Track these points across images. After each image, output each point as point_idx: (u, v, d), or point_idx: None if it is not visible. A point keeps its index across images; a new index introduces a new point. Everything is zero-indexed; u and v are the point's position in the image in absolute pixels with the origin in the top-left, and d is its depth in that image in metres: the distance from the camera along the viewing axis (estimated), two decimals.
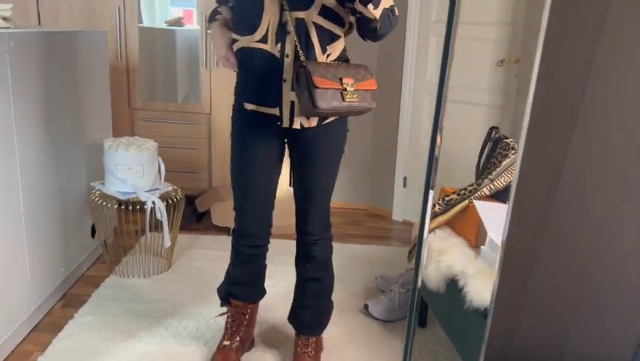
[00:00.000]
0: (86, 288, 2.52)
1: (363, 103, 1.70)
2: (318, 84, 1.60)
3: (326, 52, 1.72)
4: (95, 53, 2.69)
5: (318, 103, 1.60)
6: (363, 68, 1.76)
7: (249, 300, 2.05)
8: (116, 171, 2.50)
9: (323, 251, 1.96)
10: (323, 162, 1.85)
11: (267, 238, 1.99)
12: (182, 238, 3.08)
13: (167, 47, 3.85)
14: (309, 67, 1.61)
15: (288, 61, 1.68)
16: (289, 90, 1.70)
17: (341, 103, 1.64)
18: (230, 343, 2.01)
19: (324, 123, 1.79)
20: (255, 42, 1.69)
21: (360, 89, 1.70)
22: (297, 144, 1.84)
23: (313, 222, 1.91)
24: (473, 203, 2.04)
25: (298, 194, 1.91)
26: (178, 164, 3.52)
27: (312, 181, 1.87)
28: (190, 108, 3.52)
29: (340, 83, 1.65)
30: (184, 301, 2.44)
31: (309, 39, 1.68)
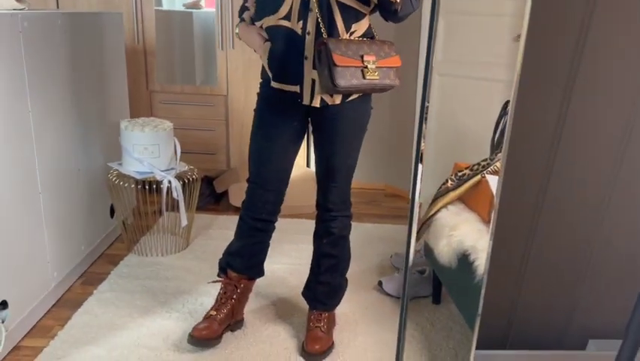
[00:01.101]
0: (105, 266, 2.57)
1: (385, 80, 1.70)
2: (337, 62, 1.60)
3: (350, 29, 1.72)
4: (110, 35, 2.72)
5: (337, 81, 1.61)
6: (387, 44, 1.75)
7: (244, 273, 2.06)
8: (133, 151, 2.54)
9: (341, 228, 1.98)
10: (346, 139, 1.86)
11: (274, 215, 2.00)
12: (200, 218, 3.12)
13: (184, 29, 3.87)
14: (330, 44, 1.61)
15: (310, 38, 1.68)
16: (310, 68, 1.71)
17: (361, 81, 1.64)
18: (216, 313, 2.02)
19: (348, 101, 1.79)
20: (279, 20, 1.71)
21: (383, 66, 1.70)
22: (320, 121, 1.85)
23: (333, 199, 1.93)
24: (486, 178, 2.02)
25: (320, 171, 1.93)
26: (196, 146, 3.56)
27: (335, 158, 1.88)
28: (207, 90, 3.54)
29: (362, 61, 1.65)
30: (200, 279, 2.47)
31: (332, 17, 1.68)
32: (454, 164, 2.26)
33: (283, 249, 2.80)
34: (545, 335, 1.44)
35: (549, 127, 1.31)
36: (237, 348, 2.01)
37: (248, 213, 1.99)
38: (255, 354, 1.98)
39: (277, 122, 1.86)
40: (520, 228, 1.37)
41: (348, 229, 2.04)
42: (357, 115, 1.86)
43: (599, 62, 1.23)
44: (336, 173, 1.90)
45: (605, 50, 1.20)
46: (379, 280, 2.44)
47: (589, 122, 1.29)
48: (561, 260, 1.38)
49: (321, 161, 1.92)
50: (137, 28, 3.38)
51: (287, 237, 2.90)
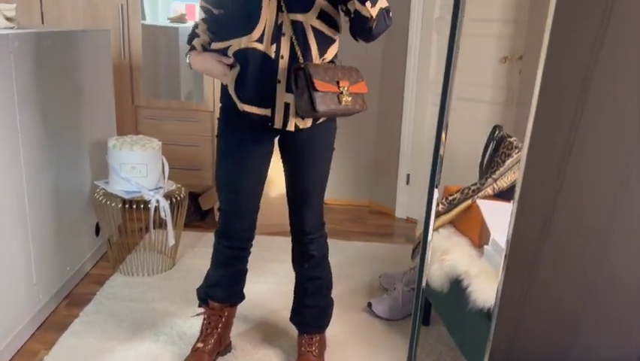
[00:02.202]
0: (90, 286, 2.53)
1: (355, 106, 1.71)
2: (318, 87, 1.61)
3: (323, 55, 1.73)
4: (98, 53, 2.69)
5: (317, 106, 1.61)
6: (354, 70, 1.76)
7: (226, 302, 2.05)
8: (120, 170, 2.51)
9: (319, 249, 1.97)
10: (317, 162, 1.86)
11: (249, 241, 1.99)
12: (186, 235, 3.09)
13: (170, 44, 3.85)
14: (309, 69, 1.61)
15: (283, 62, 1.68)
16: (283, 92, 1.71)
17: (337, 106, 1.65)
18: (203, 345, 1.99)
19: (318, 123, 1.80)
20: (251, 42, 1.68)
21: (354, 92, 1.71)
22: (291, 145, 1.84)
23: (309, 221, 1.92)
24: (477, 202, 2.04)
25: (292, 194, 1.92)
26: (181, 162, 3.53)
27: (307, 181, 1.87)
28: (193, 106, 3.52)
29: (338, 86, 1.65)
30: (188, 300, 2.44)
31: (307, 42, 1.68)
32: (444, 187, 2.28)
33: (269, 268, 2.79)
34: None
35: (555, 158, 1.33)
36: None
37: (222, 242, 1.97)
38: None
39: (245, 148, 1.83)
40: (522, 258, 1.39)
41: (326, 249, 2.02)
42: (325, 137, 1.87)
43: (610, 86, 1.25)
44: (310, 196, 1.89)
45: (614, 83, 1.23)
46: (369, 301, 2.44)
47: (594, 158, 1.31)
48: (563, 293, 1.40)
49: (293, 184, 1.90)
50: (124, 44, 3.36)
51: (272, 255, 2.89)
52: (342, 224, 3.52)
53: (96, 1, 3.28)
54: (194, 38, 1.85)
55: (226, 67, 1.75)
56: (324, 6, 1.66)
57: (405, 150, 3.57)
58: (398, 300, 2.41)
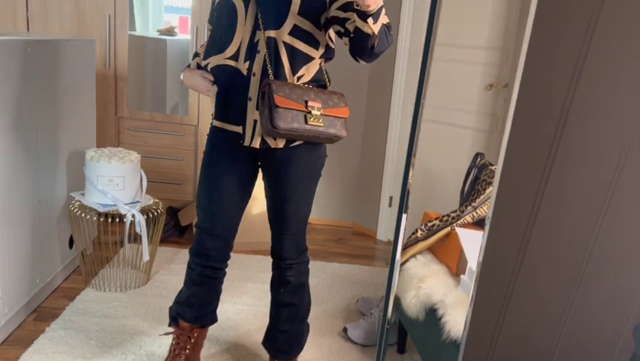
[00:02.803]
0: (60, 301, 2.46)
1: (330, 129, 1.67)
2: (279, 103, 1.59)
3: (297, 73, 1.70)
4: (82, 63, 2.66)
5: (276, 122, 1.59)
6: (337, 95, 1.73)
7: (196, 323, 1.99)
8: (97, 183, 2.46)
9: (297, 276, 1.92)
10: (295, 186, 1.80)
11: (223, 261, 1.94)
12: (163, 250, 3.04)
13: (157, 56, 3.82)
14: (273, 85, 1.61)
15: (255, 79, 1.67)
16: (254, 109, 1.70)
17: (303, 125, 1.62)
18: None
19: (294, 146, 1.75)
20: (225, 59, 1.70)
21: (330, 115, 1.68)
22: (267, 166, 1.81)
23: (287, 247, 1.88)
24: (456, 230, 2.02)
25: (271, 217, 1.88)
26: (163, 175, 3.49)
27: (285, 206, 1.83)
28: (177, 119, 3.48)
29: (305, 106, 1.63)
30: (160, 318, 2.39)
31: (280, 59, 1.66)
32: (424, 213, 2.26)
33: (245, 288, 2.74)
34: None
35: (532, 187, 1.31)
36: None
37: (196, 260, 1.92)
38: None
39: (225, 168, 1.81)
40: (496, 290, 1.37)
41: (306, 276, 1.97)
42: (306, 162, 1.79)
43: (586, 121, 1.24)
44: (288, 221, 1.85)
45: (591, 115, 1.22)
46: (345, 326, 2.40)
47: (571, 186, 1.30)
48: (534, 328, 1.37)
49: (272, 208, 1.87)
50: (109, 53, 3.32)
51: (251, 275, 2.85)
52: (323, 244, 3.49)
53: (83, 10, 3.25)
54: (195, 57, 1.90)
55: (209, 83, 1.77)
56: (300, 22, 1.64)
57: (388, 173, 3.56)
58: (374, 326, 2.37)
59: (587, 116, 1.21)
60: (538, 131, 1.27)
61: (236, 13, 1.68)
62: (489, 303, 1.42)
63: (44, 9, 3.23)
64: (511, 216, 1.32)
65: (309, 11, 1.64)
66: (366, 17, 1.49)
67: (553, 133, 1.25)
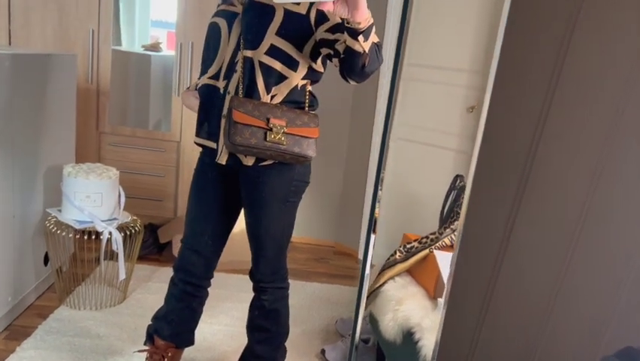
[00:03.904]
0: (32, 319, 2.41)
1: (293, 148, 1.66)
2: (236, 119, 1.61)
3: (270, 92, 1.69)
4: (62, 77, 2.63)
5: (232, 137, 1.61)
6: (308, 115, 1.72)
7: (172, 341, 1.95)
8: (74, 199, 2.43)
9: (271, 301, 1.89)
10: (267, 207, 1.77)
11: (206, 280, 1.93)
12: (141, 268, 2.99)
13: (141, 71, 3.81)
14: (235, 102, 1.63)
15: (229, 97, 1.69)
16: (226, 126, 1.70)
17: (261, 142, 1.62)
18: None
19: (262, 165, 1.72)
20: (208, 78, 1.75)
21: (295, 134, 1.67)
22: (242, 184, 1.80)
23: (263, 269, 1.86)
24: (434, 253, 2.02)
25: (249, 238, 1.86)
26: (144, 191, 3.46)
27: (255, 226, 1.82)
28: (160, 135, 3.46)
29: (266, 123, 1.63)
30: (135, 338, 2.34)
31: (254, 78, 1.67)
32: (403, 235, 2.25)
33: (224, 307, 2.70)
34: None
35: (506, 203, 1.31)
36: None
37: (178, 275, 1.92)
38: None
39: (211, 187, 1.85)
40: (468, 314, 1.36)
41: (282, 302, 1.93)
42: (275, 183, 1.75)
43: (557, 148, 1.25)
44: (262, 242, 1.82)
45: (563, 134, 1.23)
46: (322, 348, 2.38)
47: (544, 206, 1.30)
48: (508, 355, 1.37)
49: (248, 228, 1.85)
50: (92, 68, 3.30)
51: (230, 294, 2.82)
52: (305, 264, 3.46)
53: (66, 25, 3.23)
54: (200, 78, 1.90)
55: (198, 102, 1.82)
56: (278, 42, 1.64)
57: (370, 193, 3.55)
58: None
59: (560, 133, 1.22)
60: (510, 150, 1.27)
61: (221, 35, 1.72)
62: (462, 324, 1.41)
63: (27, 23, 3.21)
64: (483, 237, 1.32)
65: (288, 33, 1.64)
66: (356, 35, 1.46)
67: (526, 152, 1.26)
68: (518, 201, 1.31)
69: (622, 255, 1.30)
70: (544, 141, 1.21)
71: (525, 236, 1.30)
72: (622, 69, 1.19)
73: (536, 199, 1.26)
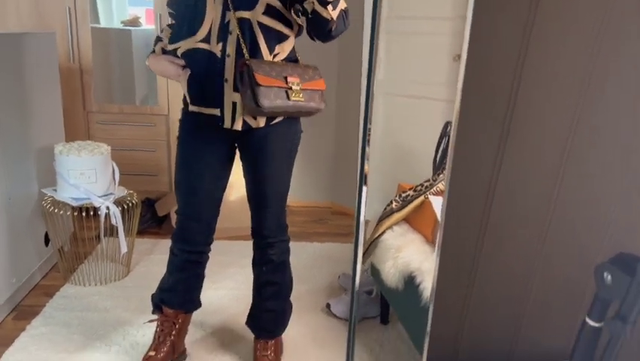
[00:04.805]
0: (39, 298, 2.44)
1: (310, 103, 1.68)
2: (260, 82, 1.57)
3: (274, 52, 1.69)
4: (42, 56, 2.60)
5: (261, 101, 1.57)
6: (312, 68, 1.74)
7: (180, 308, 1.99)
8: (69, 177, 2.43)
9: (279, 254, 1.93)
10: (275, 164, 1.81)
11: (207, 245, 1.94)
12: (142, 242, 3.02)
13: (122, 47, 3.76)
14: (252, 65, 1.59)
15: (230, 60, 1.65)
16: (231, 90, 1.67)
17: (286, 102, 1.62)
18: (155, 354, 1.93)
19: (273, 123, 1.75)
20: (197, 42, 1.67)
21: (308, 88, 1.68)
22: (247, 145, 1.80)
23: (268, 225, 1.88)
24: (429, 199, 2.04)
25: (252, 197, 1.88)
26: (137, 167, 3.45)
27: (266, 184, 1.83)
28: (148, 110, 3.44)
29: (285, 82, 1.62)
30: (142, 308, 2.38)
31: (255, 39, 1.65)
32: (397, 185, 2.27)
33: (227, 273, 2.74)
34: (492, 359, 1.45)
35: (491, 147, 1.33)
36: None
37: (179, 246, 1.92)
38: None
39: (202, 151, 1.80)
40: (464, 252, 1.39)
41: (287, 254, 1.98)
42: (284, 138, 1.81)
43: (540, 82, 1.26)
44: (269, 198, 1.85)
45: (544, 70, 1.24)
46: (327, 302, 2.42)
47: (528, 144, 1.32)
48: (504, 286, 1.40)
49: (252, 187, 1.87)
50: (72, 47, 3.26)
51: (232, 260, 2.85)
52: (303, 226, 3.49)
53: (42, 3, 3.17)
54: (157, 42, 1.85)
55: (179, 68, 1.74)
56: (271, 1, 1.63)
57: None
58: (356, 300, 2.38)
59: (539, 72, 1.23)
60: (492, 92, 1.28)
61: None
62: (458, 266, 1.44)
63: (2, 3, 3.15)
64: (472, 177, 1.34)
65: None
66: (325, 4, 1.53)
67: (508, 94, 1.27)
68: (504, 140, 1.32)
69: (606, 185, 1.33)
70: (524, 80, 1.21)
71: (513, 173, 1.32)
72: (599, 7, 1.19)
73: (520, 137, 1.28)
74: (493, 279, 1.42)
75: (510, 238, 1.35)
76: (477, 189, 1.37)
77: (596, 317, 0.80)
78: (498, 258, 1.40)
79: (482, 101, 1.34)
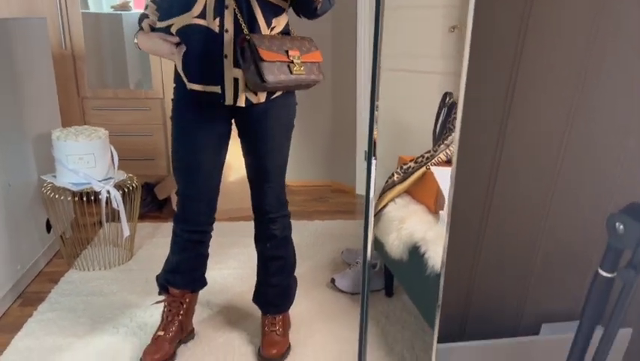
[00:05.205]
0: (44, 285, 2.44)
1: (310, 75, 1.67)
2: (264, 57, 1.55)
3: (271, 25, 1.67)
4: (34, 42, 2.57)
5: (266, 77, 1.55)
6: (307, 40, 1.72)
7: (187, 288, 1.99)
8: (67, 162, 2.42)
9: (282, 229, 1.93)
10: (275, 138, 1.80)
11: (209, 225, 1.94)
12: (144, 226, 3.02)
13: (114, 32, 3.72)
14: (254, 40, 1.56)
15: (228, 36, 1.62)
16: (231, 66, 1.65)
17: (289, 76, 1.60)
18: (164, 333, 1.94)
19: (272, 98, 1.74)
20: (193, 18, 1.62)
21: (307, 61, 1.67)
22: (246, 122, 1.79)
23: (270, 201, 1.88)
24: (431, 169, 2.04)
25: (252, 173, 1.87)
26: (134, 152, 3.44)
27: (266, 159, 1.82)
28: (142, 94, 3.42)
29: (287, 56, 1.61)
30: (148, 290, 2.39)
31: (253, 13, 1.62)
32: (398, 157, 2.27)
33: (231, 253, 2.75)
34: (500, 323, 1.46)
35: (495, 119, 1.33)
36: (192, 359, 1.95)
37: (182, 227, 1.91)
38: None
39: (200, 129, 1.77)
40: (471, 220, 1.39)
41: (289, 229, 1.99)
42: (283, 112, 1.80)
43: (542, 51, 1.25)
44: (270, 174, 1.84)
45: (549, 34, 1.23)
46: (332, 277, 2.43)
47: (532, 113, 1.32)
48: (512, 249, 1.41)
49: (252, 163, 1.86)
50: (64, 33, 3.23)
51: (234, 240, 2.86)
52: (303, 205, 3.50)
53: None
54: (144, 19, 1.79)
55: (172, 45, 1.69)
56: None
57: (361, 127, 3.56)
58: (360, 274, 2.40)
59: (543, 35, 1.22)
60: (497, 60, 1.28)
61: None
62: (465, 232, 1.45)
63: None
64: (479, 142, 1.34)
65: None
66: None
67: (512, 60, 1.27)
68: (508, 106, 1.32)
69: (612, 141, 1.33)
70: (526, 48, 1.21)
71: (519, 133, 1.32)
72: None
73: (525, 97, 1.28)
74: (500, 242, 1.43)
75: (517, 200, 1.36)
76: (484, 150, 1.38)
77: (609, 268, 0.81)
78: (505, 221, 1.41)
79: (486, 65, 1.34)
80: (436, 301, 1.28)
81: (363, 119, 3.54)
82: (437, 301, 1.24)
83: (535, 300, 1.43)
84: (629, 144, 1.32)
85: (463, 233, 1.48)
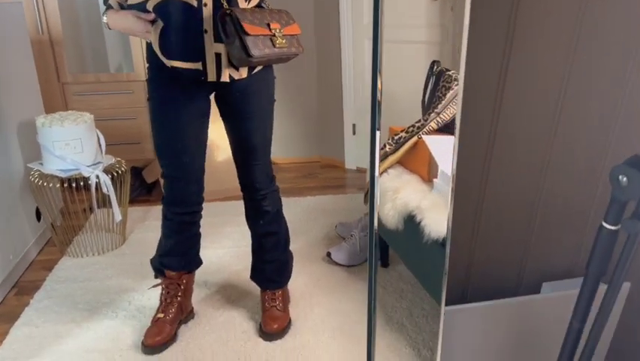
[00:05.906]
0: (38, 273, 2.42)
1: (291, 48, 1.65)
2: (249, 31, 1.52)
3: None
4: (10, 27, 2.51)
5: (252, 51, 1.52)
6: (284, 12, 1.69)
7: (183, 270, 1.99)
8: (54, 149, 2.38)
9: (273, 204, 1.93)
10: (257, 114, 1.78)
11: (198, 204, 1.92)
12: (134, 210, 3.00)
13: (91, 15, 3.64)
14: (237, 14, 1.53)
15: (207, 10, 1.58)
16: (212, 42, 1.61)
17: (272, 50, 1.58)
18: (164, 315, 1.94)
19: (253, 73, 1.72)
20: None
21: (287, 34, 1.64)
22: (228, 99, 1.75)
23: (258, 177, 1.87)
24: (422, 138, 2.05)
25: (238, 151, 1.85)
26: (119, 137, 3.40)
27: (252, 136, 1.80)
28: (124, 77, 3.37)
29: (269, 29, 1.59)
30: (144, 273, 2.38)
31: None
32: (389, 128, 2.27)
33: (224, 232, 2.75)
34: (502, 284, 1.49)
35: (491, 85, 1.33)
36: (193, 338, 1.96)
37: (172, 209, 1.88)
38: (213, 342, 1.94)
39: (181, 107, 1.71)
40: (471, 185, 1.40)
41: (280, 203, 1.98)
42: (263, 87, 1.78)
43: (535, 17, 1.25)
44: (257, 150, 1.82)
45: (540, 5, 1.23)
46: (327, 250, 2.45)
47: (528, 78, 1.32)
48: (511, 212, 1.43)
49: (238, 141, 1.83)
50: (40, 18, 3.15)
51: (225, 220, 2.86)
52: (294, 181, 3.50)
53: None
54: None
55: (147, 23, 1.63)
56: None
57: (348, 101, 3.55)
58: (356, 246, 2.42)
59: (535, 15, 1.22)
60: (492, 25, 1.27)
61: None
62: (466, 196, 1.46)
63: None
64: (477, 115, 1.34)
65: None
66: None
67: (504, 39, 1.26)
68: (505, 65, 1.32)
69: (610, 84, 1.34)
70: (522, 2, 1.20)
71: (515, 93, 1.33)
72: None
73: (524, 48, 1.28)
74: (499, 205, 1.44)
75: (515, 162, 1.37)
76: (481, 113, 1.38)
77: (613, 220, 0.82)
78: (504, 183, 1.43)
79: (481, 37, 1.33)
80: (442, 267, 1.30)
81: (348, 92, 3.53)
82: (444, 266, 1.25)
83: (535, 260, 1.45)
84: (623, 99, 1.34)
85: (463, 198, 1.49)
